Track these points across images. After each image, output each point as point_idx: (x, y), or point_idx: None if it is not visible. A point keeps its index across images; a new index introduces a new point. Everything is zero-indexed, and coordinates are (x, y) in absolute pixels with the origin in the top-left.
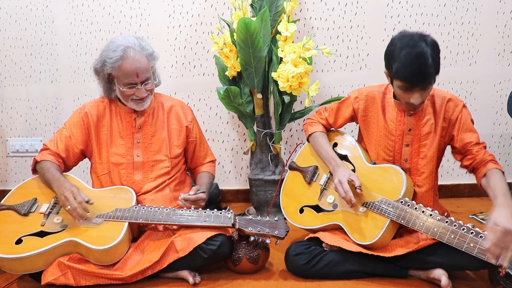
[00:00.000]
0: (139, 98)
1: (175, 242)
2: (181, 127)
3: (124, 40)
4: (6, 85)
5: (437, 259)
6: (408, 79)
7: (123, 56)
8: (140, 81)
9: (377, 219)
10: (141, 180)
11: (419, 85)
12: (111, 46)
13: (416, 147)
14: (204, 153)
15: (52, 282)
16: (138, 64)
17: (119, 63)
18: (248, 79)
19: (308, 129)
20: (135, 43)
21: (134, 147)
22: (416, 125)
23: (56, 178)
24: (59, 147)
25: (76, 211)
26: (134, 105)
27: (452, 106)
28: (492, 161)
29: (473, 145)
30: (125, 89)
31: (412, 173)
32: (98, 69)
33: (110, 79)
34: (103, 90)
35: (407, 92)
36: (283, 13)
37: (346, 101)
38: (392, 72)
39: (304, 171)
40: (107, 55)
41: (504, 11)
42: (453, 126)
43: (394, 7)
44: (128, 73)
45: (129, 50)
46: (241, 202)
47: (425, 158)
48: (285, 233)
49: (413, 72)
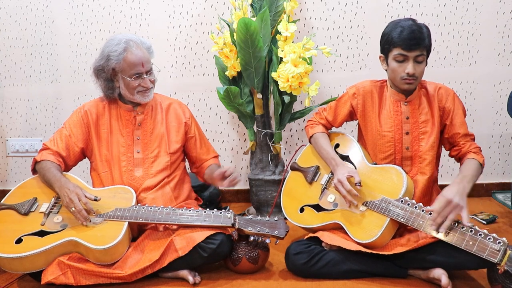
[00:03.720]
0: (145, 87)
1: (174, 241)
2: (179, 124)
3: (123, 35)
4: (6, 85)
5: (437, 258)
6: (405, 41)
7: (126, 47)
8: (145, 71)
9: (377, 218)
10: (142, 177)
11: (414, 48)
12: (112, 42)
13: (416, 134)
14: (207, 149)
15: (52, 281)
16: (141, 54)
17: (124, 55)
18: (248, 79)
19: (309, 131)
20: (134, 37)
21: (134, 144)
22: (413, 113)
23: (57, 178)
24: (60, 146)
25: (81, 213)
26: (140, 97)
27: (444, 94)
28: (475, 152)
29: (461, 136)
30: (132, 80)
31: (414, 161)
32: (102, 65)
33: (112, 76)
34: (104, 90)
35: (403, 63)
36: (283, 13)
37: (343, 98)
38: (388, 44)
39: (306, 171)
40: (110, 50)
41: (504, 11)
42: (446, 115)
43: (394, 7)
44: (134, 63)
45: (131, 43)
46: (241, 202)
47: (426, 145)
48: (285, 233)
49: (409, 34)
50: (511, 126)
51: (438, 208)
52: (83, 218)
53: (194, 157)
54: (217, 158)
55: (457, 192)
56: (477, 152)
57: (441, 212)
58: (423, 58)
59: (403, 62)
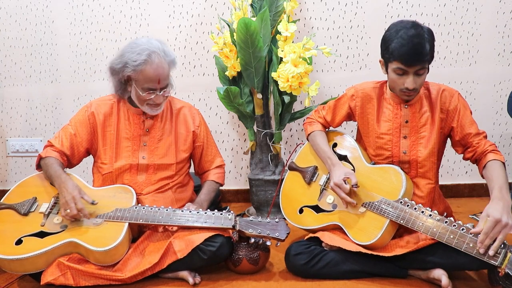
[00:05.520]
0: (155, 103)
1: (173, 243)
2: (188, 132)
3: (148, 43)
4: (6, 85)
5: (437, 259)
6: (404, 56)
7: (147, 60)
8: (160, 88)
9: (377, 220)
10: (143, 182)
11: (414, 65)
12: (135, 48)
13: (414, 139)
14: (212, 157)
15: (51, 282)
16: (161, 71)
17: (142, 67)
18: (248, 79)
19: (307, 128)
20: (159, 48)
21: (140, 149)
22: (412, 117)
23: (58, 175)
24: (64, 144)
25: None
26: (148, 109)
27: (448, 96)
28: (493, 151)
29: (473, 136)
30: (144, 94)
31: (412, 165)
32: (117, 69)
33: (127, 81)
34: (116, 89)
35: (402, 76)
36: (283, 13)
37: (342, 99)
38: (388, 54)
39: (304, 171)
40: (130, 57)
41: (504, 11)
42: (452, 118)
43: (394, 7)
44: (150, 78)
45: (154, 55)
46: (241, 202)
47: (425, 150)
48: (286, 235)
49: (409, 50)
50: (511, 126)
51: (486, 230)
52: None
53: (197, 163)
54: (221, 168)
55: (503, 209)
56: (496, 151)
57: (490, 234)
58: (424, 71)
59: (402, 75)
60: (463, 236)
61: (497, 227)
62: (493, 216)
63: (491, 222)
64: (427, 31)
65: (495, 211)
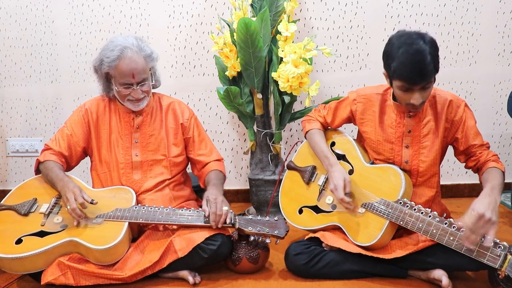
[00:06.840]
0: (134, 98)
1: (174, 242)
2: (177, 126)
3: (123, 40)
4: (6, 85)
5: (437, 260)
6: (407, 78)
7: (120, 56)
8: (136, 82)
9: (376, 221)
10: (140, 180)
11: (419, 84)
12: (110, 45)
13: (416, 148)
14: (208, 151)
15: (52, 282)
16: (134, 65)
17: (116, 63)
18: (248, 79)
19: (306, 126)
20: (133, 44)
21: (133, 147)
22: (416, 127)
23: (60, 178)
24: (62, 145)
25: (75, 211)
26: (130, 105)
27: (454, 107)
28: (494, 160)
29: (477, 147)
30: (121, 89)
31: (412, 174)
32: (96, 67)
33: (108, 78)
34: (102, 88)
35: (407, 92)
36: (283, 13)
37: (344, 102)
38: (391, 72)
39: (302, 171)
40: (104, 54)
41: (504, 11)
42: (456, 128)
43: (394, 7)
44: (124, 73)
45: (127, 51)
46: (241, 202)
47: (426, 161)
48: (285, 232)
49: (412, 70)
50: (511, 126)
51: (470, 224)
52: (77, 216)
53: (193, 159)
54: (220, 161)
55: (488, 205)
56: (497, 160)
57: (473, 229)
58: (430, 85)
59: (407, 92)
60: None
61: (480, 222)
62: (477, 211)
63: (475, 216)
64: (430, 43)
65: (481, 205)
